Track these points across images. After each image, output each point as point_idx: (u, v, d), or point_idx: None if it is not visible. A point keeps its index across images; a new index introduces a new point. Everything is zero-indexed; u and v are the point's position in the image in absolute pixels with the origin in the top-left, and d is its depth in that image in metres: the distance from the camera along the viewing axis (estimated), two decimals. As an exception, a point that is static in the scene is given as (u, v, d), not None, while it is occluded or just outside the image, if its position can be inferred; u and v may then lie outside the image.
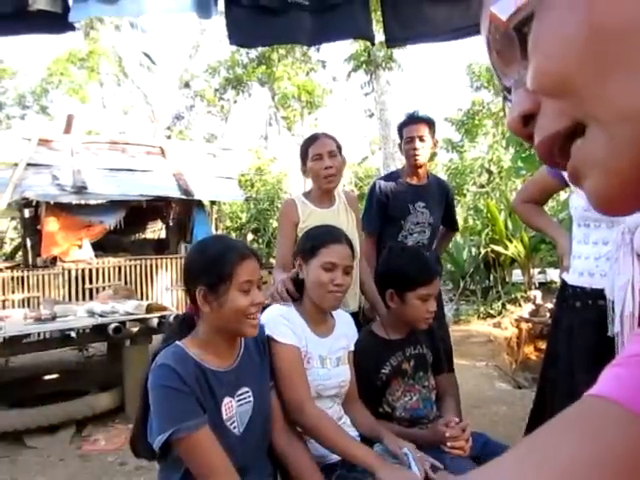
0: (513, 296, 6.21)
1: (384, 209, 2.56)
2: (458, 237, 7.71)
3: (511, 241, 6.11)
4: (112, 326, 3.57)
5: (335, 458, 1.56)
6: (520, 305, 5.99)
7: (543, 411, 1.86)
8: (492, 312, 6.15)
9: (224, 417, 1.31)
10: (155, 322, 3.76)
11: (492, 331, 5.72)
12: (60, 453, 3.15)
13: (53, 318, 3.96)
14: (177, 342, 1.32)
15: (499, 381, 4.31)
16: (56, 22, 1.69)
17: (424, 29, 1.94)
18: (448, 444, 1.55)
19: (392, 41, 2.03)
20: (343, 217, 2.20)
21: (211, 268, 1.29)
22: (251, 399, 1.39)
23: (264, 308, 1.67)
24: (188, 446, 1.18)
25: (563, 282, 1.87)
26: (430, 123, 2.53)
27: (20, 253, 9.19)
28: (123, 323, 3.70)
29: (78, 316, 4.06)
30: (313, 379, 1.59)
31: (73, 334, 3.56)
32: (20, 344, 3.56)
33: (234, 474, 1.22)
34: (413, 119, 2.54)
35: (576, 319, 1.75)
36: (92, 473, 2.88)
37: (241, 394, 1.38)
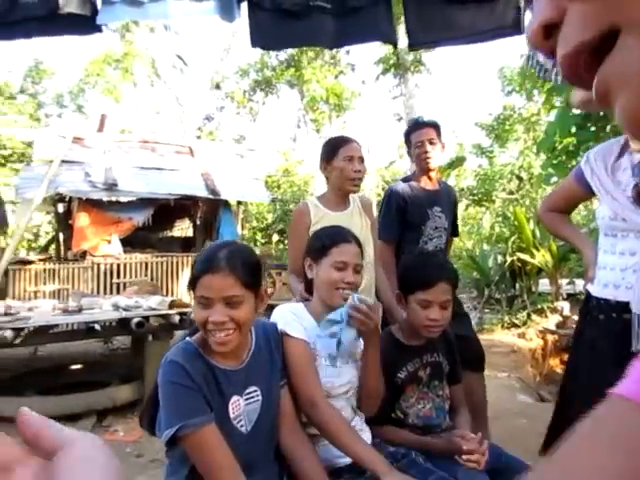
0: (539, 306, 6.06)
1: (403, 215, 2.54)
2: (484, 244, 7.58)
3: (538, 250, 5.97)
4: (135, 320, 3.64)
5: (344, 462, 1.56)
6: (546, 316, 5.85)
7: (561, 426, 1.81)
8: (517, 322, 6.01)
9: (231, 415, 1.32)
10: (177, 318, 3.82)
11: (516, 341, 5.59)
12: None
13: (79, 310, 4.06)
14: (188, 339, 1.34)
15: (521, 393, 4.21)
16: (85, 24, 1.74)
17: (447, 32, 1.92)
18: (464, 457, 1.53)
19: (415, 44, 2.02)
20: (357, 221, 2.20)
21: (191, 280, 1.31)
22: (259, 398, 1.40)
23: (271, 308, 1.69)
24: (194, 443, 1.20)
25: (587, 293, 1.82)
26: (437, 127, 2.51)
27: (53, 246, 9.46)
28: (146, 318, 3.77)
29: (104, 309, 4.16)
30: (322, 377, 1.59)
31: (97, 327, 3.65)
32: (47, 334, 3.68)
33: (239, 472, 1.23)
34: (420, 124, 2.52)
35: (599, 332, 1.70)
36: (110, 463, 2.94)
37: (249, 393, 1.38)
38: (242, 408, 1.35)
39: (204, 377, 1.26)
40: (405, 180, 2.66)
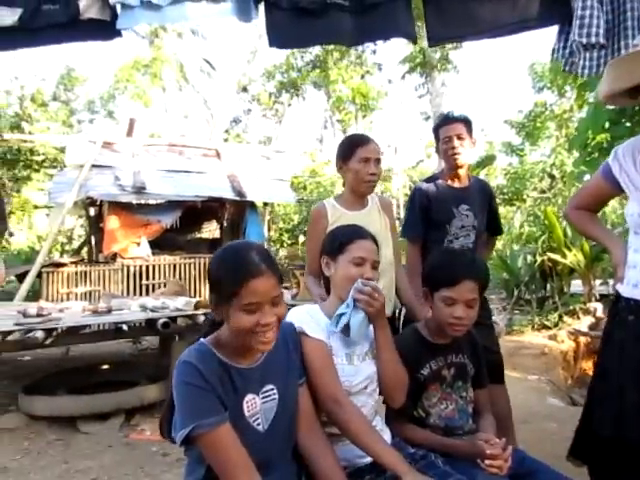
0: (571, 307, 5.90)
1: (427, 213, 2.49)
2: (514, 244, 7.42)
3: (570, 249, 5.80)
4: (161, 321, 3.69)
5: (364, 462, 1.54)
6: (578, 317, 5.69)
7: (589, 430, 1.75)
8: (548, 323, 5.85)
9: (246, 414, 1.31)
10: (202, 319, 3.86)
11: (547, 343, 5.45)
12: (109, 440, 3.30)
13: (109, 311, 4.15)
14: (202, 340, 1.34)
15: (551, 396, 4.10)
16: (105, 29, 1.78)
17: (468, 26, 1.88)
18: (486, 462, 1.49)
19: (434, 40, 1.98)
20: (375, 220, 2.18)
21: (215, 285, 1.29)
22: (276, 396, 1.39)
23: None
24: (208, 442, 1.20)
25: (617, 294, 1.75)
26: (467, 122, 2.44)
27: (86, 249, 9.69)
28: (173, 319, 3.82)
29: (132, 310, 4.24)
30: (340, 376, 1.57)
31: (125, 327, 3.71)
32: (77, 335, 3.76)
33: (254, 471, 1.22)
34: (449, 119, 2.45)
35: (628, 334, 1.63)
36: (136, 461, 2.99)
37: (266, 391, 1.38)
38: (259, 406, 1.34)
39: (219, 377, 1.25)
40: (432, 178, 2.61)
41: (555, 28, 2.08)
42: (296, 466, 1.46)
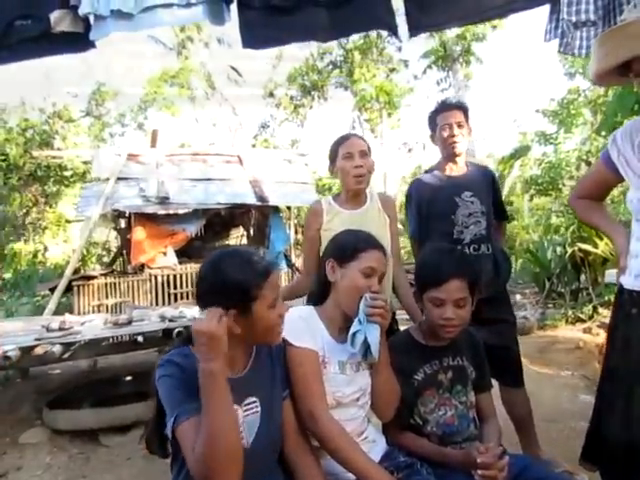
0: (606, 299, 5.62)
1: (428, 208, 2.39)
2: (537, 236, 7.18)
3: (602, 238, 5.54)
4: (176, 330, 3.71)
5: (351, 477, 1.48)
6: (615, 308, 5.42)
7: (599, 434, 1.63)
8: (582, 316, 5.60)
9: None
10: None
11: (582, 337, 5.21)
12: (128, 453, 3.31)
13: (129, 323, 4.20)
14: (184, 347, 1.33)
15: (584, 393, 3.90)
16: (79, 41, 1.78)
17: (451, 13, 1.79)
18: (479, 472, 1.41)
19: (416, 29, 1.89)
20: (373, 218, 2.12)
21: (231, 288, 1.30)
22: (259, 409, 1.35)
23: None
24: (191, 428, 1.17)
25: (620, 286, 1.62)
26: (465, 109, 2.34)
27: (120, 260, 9.94)
28: (189, 328, 3.82)
29: (152, 321, 4.28)
30: (331, 386, 1.52)
31: (140, 338, 3.74)
32: (95, 347, 3.82)
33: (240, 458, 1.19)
34: (447, 106, 2.35)
35: (632, 329, 1.51)
36: (153, 474, 2.99)
37: (248, 403, 1.34)
38: (241, 419, 1.31)
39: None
40: (429, 171, 2.51)
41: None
42: (282, 478, 1.42)
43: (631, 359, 1.50)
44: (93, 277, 7.24)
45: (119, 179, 7.81)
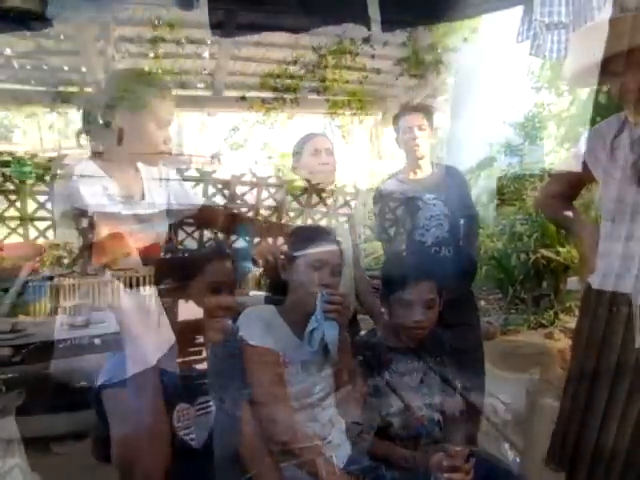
0: (568, 305, 5.77)
1: (392, 212, 2.39)
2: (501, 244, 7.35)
3: (564, 246, 5.68)
4: (137, 332, 3.57)
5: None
6: (575, 315, 5.55)
7: (564, 435, 1.63)
8: (544, 322, 5.74)
9: (176, 424, 1.22)
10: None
11: (544, 342, 5.33)
12: (80, 460, 3.15)
13: (87, 325, 4.03)
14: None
15: (546, 396, 3.96)
16: (35, 19, 1.68)
17: (424, 9, 1.77)
18: (445, 475, 1.39)
19: (388, 23, 1.87)
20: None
21: None
22: (212, 409, 1.29)
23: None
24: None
25: (587, 285, 1.63)
26: (427, 112, 2.37)
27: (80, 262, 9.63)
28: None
29: (111, 323, 4.11)
30: (293, 386, 1.47)
31: (97, 341, 3.59)
32: (51, 350, 3.63)
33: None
34: (409, 108, 2.38)
35: (599, 329, 1.51)
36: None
37: (201, 403, 1.28)
38: (192, 419, 1.25)
39: None
40: (391, 176, 2.54)
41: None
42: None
43: (598, 359, 1.50)
44: (51, 278, 6.97)
45: (82, 177, 7.58)
